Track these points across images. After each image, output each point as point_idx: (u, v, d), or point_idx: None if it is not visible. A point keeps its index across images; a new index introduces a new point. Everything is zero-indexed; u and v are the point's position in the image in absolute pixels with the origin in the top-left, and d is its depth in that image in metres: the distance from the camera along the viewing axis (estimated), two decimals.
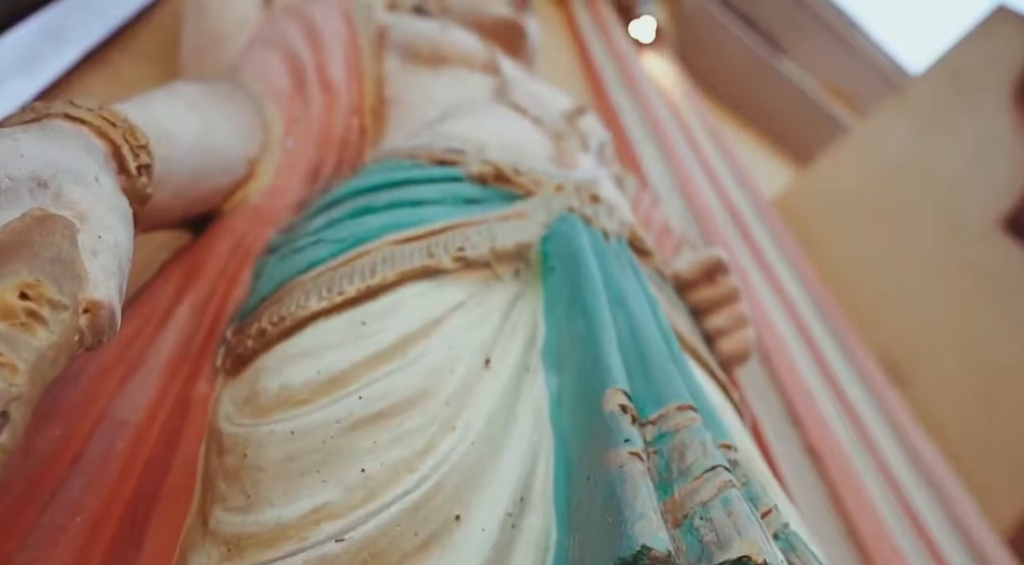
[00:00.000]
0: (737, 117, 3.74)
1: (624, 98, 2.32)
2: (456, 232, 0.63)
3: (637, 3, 2.92)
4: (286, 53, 0.88)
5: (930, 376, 2.14)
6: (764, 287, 1.82)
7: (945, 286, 2.12)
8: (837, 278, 2.37)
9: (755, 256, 1.88)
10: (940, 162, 2.12)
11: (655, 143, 2.12)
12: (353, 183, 0.70)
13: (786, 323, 1.72)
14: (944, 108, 2.15)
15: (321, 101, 0.84)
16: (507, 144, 0.78)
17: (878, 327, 2.19)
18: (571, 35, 2.73)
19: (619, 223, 0.77)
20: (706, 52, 3.47)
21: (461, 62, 0.97)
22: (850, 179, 2.44)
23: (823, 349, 1.71)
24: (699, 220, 1.86)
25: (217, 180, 0.67)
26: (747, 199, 2.14)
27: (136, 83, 1.03)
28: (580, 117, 1.08)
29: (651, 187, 1.88)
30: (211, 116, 0.67)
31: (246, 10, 0.98)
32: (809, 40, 3.93)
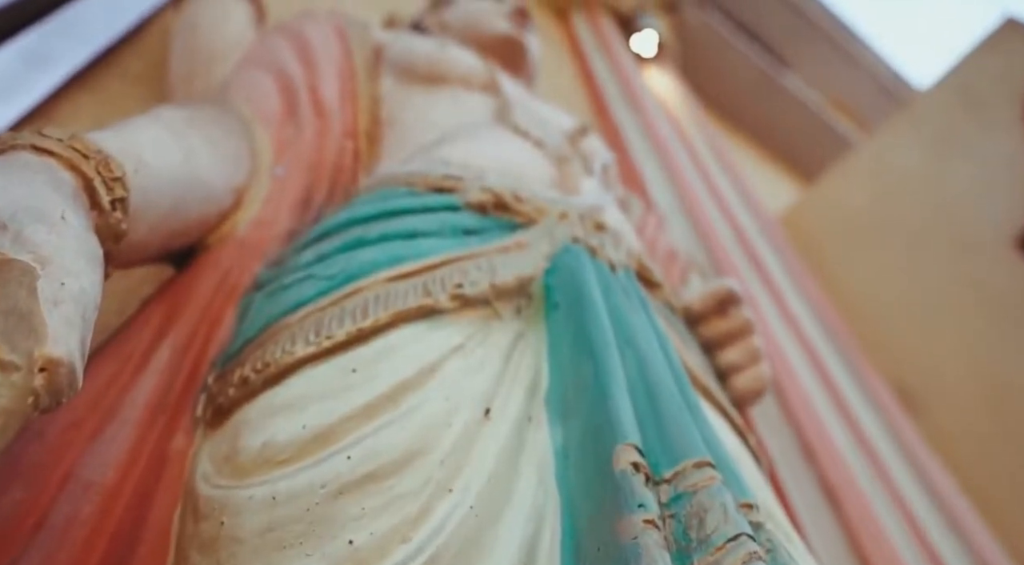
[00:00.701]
0: (739, 131, 3.72)
1: (627, 115, 2.29)
2: (454, 267, 0.59)
3: (638, 17, 2.91)
4: (277, 73, 0.85)
5: (944, 402, 2.09)
6: (773, 313, 1.78)
7: (959, 308, 2.08)
8: (846, 299, 2.33)
9: (764, 280, 1.84)
10: (951, 180, 2.09)
11: (659, 162, 2.09)
12: (345, 213, 0.67)
13: (797, 351, 1.68)
14: (954, 124, 2.12)
15: (313, 124, 0.81)
16: (507, 169, 0.75)
17: (890, 351, 2.15)
18: (572, 50, 2.71)
19: (626, 253, 0.73)
20: (708, 66, 3.46)
21: (460, 82, 0.94)
22: (857, 197, 2.41)
23: (836, 379, 1.67)
24: (705, 242, 1.82)
25: (201, 212, 0.63)
26: (754, 220, 2.11)
27: (125, 104, 1.00)
28: (583, 138, 1.05)
29: (656, 208, 1.85)
30: (195, 143, 0.63)
31: (238, 30, 0.95)
32: (812, 53, 3.93)
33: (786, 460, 1.13)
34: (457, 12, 1.28)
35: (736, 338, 0.80)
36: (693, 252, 1.82)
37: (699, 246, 1.83)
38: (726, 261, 1.79)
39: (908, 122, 2.30)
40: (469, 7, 1.27)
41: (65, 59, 0.99)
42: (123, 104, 1.00)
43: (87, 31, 1.02)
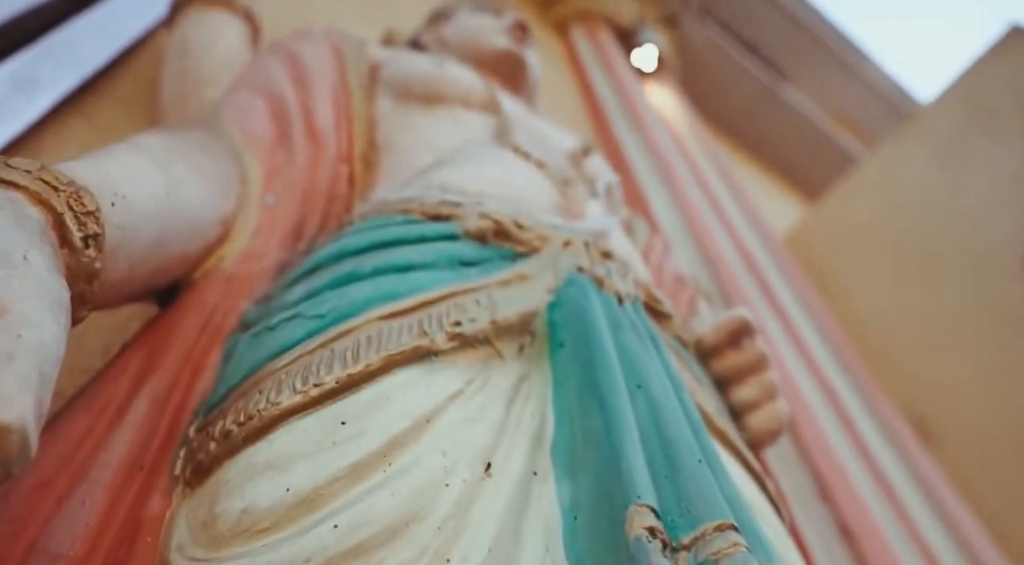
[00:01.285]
0: (740, 146, 3.69)
1: (628, 132, 2.26)
2: (451, 302, 0.55)
3: (639, 31, 2.88)
4: (270, 96, 0.81)
5: (961, 431, 2.03)
6: (783, 338, 1.74)
7: (975, 332, 2.02)
8: (854, 321, 2.27)
9: (773, 306, 1.80)
10: (962, 196, 2.05)
11: (662, 180, 2.06)
12: (336, 245, 0.63)
13: (808, 379, 1.64)
14: (962, 136, 2.08)
15: (306, 149, 0.77)
16: (508, 194, 0.72)
17: (903, 378, 2.10)
18: (571, 65, 2.69)
19: (633, 283, 0.69)
20: (709, 80, 3.44)
21: (458, 101, 0.90)
22: (864, 213, 2.37)
23: (849, 409, 1.62)
24: (711, 265, 1.78)
25: (185, 246, 0.59)
26: (761, 242, 2.07)
27: (116, 129, 0.96)
28: (585, 158, 1.01)
29: (661, 230, 1.81)
30: (179, 172, 0.60)
31: (231, 50, 0.92)
32: (813, 67, 3.90)
33: (800, 497, 1.09)
34: (455, 28, 1.25)
35: (751, 373, 0.76)
36: (699, 275, 1.78)
37: (705, 269, 1.79)
38: (733, 285, 1.75)
39: (914, 135, 2.26)
40: (468, 23, 1.24)
41: (54, 83, 0.96)
42: (115, 128, 0.96)
43: (77, 54, 0.99)
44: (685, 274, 1.21)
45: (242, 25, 0.97)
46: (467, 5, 1.29)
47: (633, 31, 2.88)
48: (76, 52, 0.99)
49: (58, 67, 0.97)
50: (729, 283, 1.80)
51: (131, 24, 1.06)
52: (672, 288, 1.13)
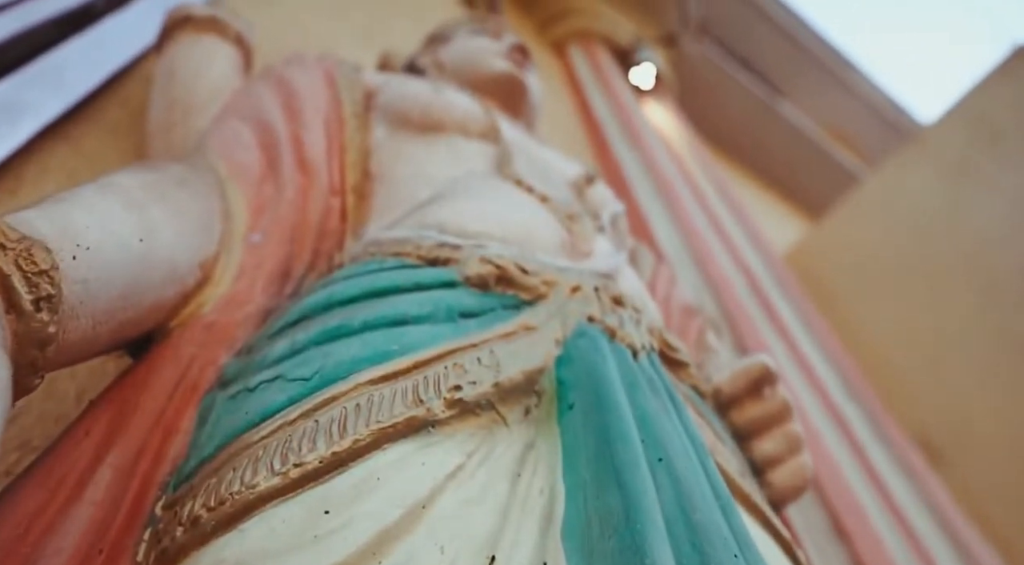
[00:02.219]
0: (737, 161, 3.65)
1: (628, 152, 2.21)
2: (450, 362, 0.49)
3: (636, 50, 2.84)
4: (258, 125, 0.76)
5: (971, 456, 1.97)
6: (788, 361, 1.68)
7: (981, 354, 1.97)
8: (856, 340, 2.22)
9: (777, 328, 1.74)
10: (969, 217, 1.99)
11: (662, 202, 2.01)
12: (325, 292, 0.57)
13: (816, 405, 1.58)
14: (967, 158, 2.03)
15: (296, 182, 0.72)
16: (511, 233, 0.66)
17: (909, 399, 2.04)
18: (570, 84, 2.64)
19: (647, 330, 0.63)
20: (705, 97, 3.40)
21: (457, 129, 0.85)
22: (868, 233, 2.31)
23: (861, 439, 1.56)
24: (714, 288, 1.72)
25: (159, 295, 0.53)
26: (764, 265, 2.01)
27: (103, 157, 0.91)
28: (589, 186, 0.96)
29: (663, 253, 1.75)
30: (155, 214, 0.54)
31: (220, 77, 0.86)
32: (807, 82, 3.87)
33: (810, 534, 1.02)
34: (453, 51, 1.19)
35: (773, 424, 0.69)
36: (702, 298, 1.73)
37: (708, 292, 1.73)
38: (737, 309, 1.69)
39: (917, 154, 2.21)
40: (466, 45, 1.19)
41: (39, 109, 0.90)
42: (101, 156, 0.91)
43: (64, 80, 0.93)
44: (692, 304, 1.15)
45: (233, 51, 0.92)
46: (465, 28, 1.24)
47: (631, 50, 2.84)
48: (63, 77, 0.93)
49: (44, 92, 0.91)
50: (733, 306, 1.74)
51: (120, 49, 1.00)
52: (680, 319, 1.07)
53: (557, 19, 2.75)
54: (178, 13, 0.90)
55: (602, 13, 2.77)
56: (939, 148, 2.13)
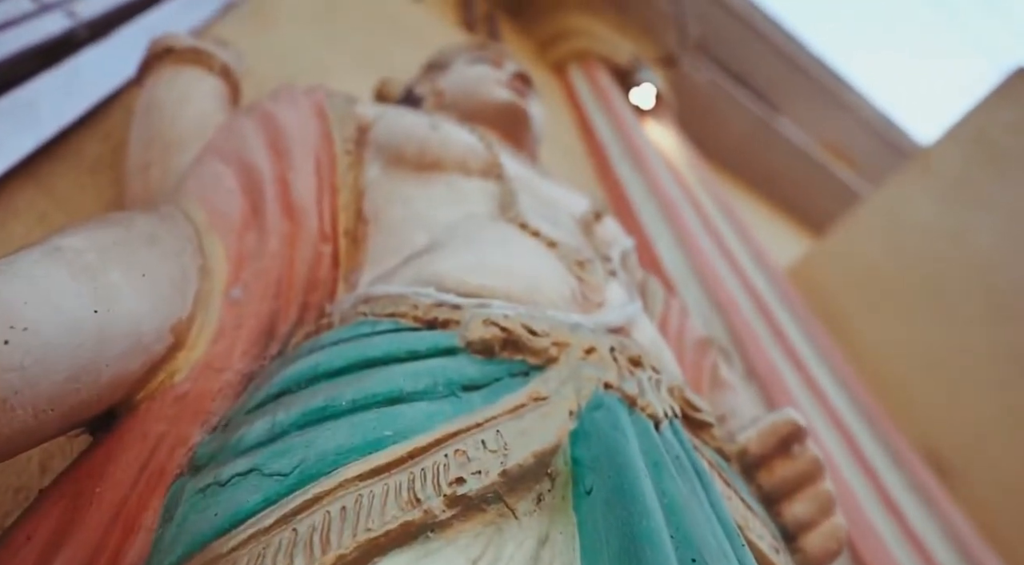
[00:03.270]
0: (735, 177, 3.60)
1: (630, 172, 2.15)
2: (450, 449, 0.42)
3: (636, 70, 2.79)
4: (242, 166, 0.69)
5: (982, 475, 1.91)
6: (797, 383, 1.61)
7: (988, 370, 1.90)
8: (861, 357, 2.16)
9: (786, 350, 1.67)
10: (973, 235, 1.93)
11: (666, 223, 1.94)
12: (310, 362, 0.50)
13: (828, 429, 1.51)
14: (971, 175, 1.97)
15: (282, 229, 0.65)
16: (516, 286, 0.59)
17: (916, 415, 1.97)
18: (570, 105, 2.59)
19: (668, 392, 0.56)
20: (704, 115, 3.35)
21: (456, 167, 0.78)
22: (870, 251, 2.25)
23: (875, 464, 1.49)
24: (721, 311, 1.66)
25: (120, 370, 0.46)
26: (769, 283, 1.95)
27: (75, 198, 0.84)
28: (597, 222, 0.89)
29: (672, 283, 1.69)
30: (115, 279, 0.47)
31: (203, 111, 0.79)
32: (803, 99, 3.83)
33: None
34: (453, 79, 1.13)
35: (804, 485, 0.62)
36: (710, 322, 1.66)
37: (716, 315, 1.66)
38: (746, 332, 1.62)
39: (920, 172, 2.15)
40: (466, 73, 1.13)
41: (9, 146, 0.83)
42: (77, 198, 0.84)
43: (38, 115, 0.87)
44: (704, 336, 1.08)
45: (218, 83, 0.85)
46: (465, 55, 1.18)
47: (630, 70, 2.79)
48: (37, 111, 0.87)
49: (16, 128, 0.84)
50: (742, 329, 1.67)
51: (101, 80, 0.94)
52: (694, 356, 1.00)
53: (557, 40, 2.71)
54: (158, 44, 0.83)
55: (601, 34, 2.73)
56: (941, 166, 2.07)
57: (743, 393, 1.02)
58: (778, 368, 1.62)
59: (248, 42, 1.33)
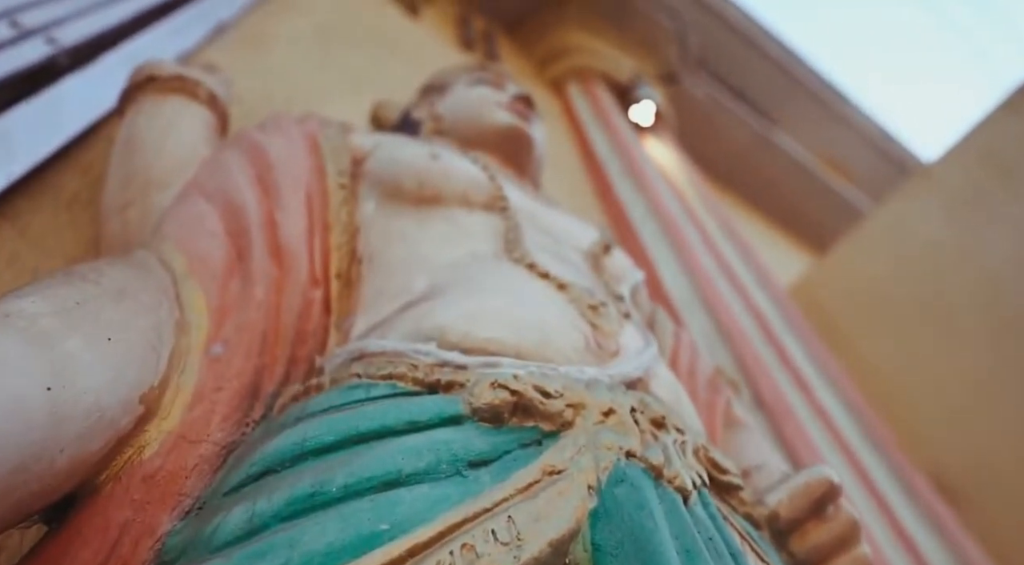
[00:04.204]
0: (736, 195, 3.56)
1: (631, 192, 2.10)
2: (456, 543, 0.36)
3: (636, 87, 2.74)
4: (227, 205, 0.63)
5: (986, 491, 1.85)
6: (804, 408, 1.55)
7: (997, 391, 1.85)
8: (865, 376, 2.10)
9: (793, 377, 1.61)
10: (981, 251, 1.88)
11: (668, 243, 1.89)
12: (297, 435, 0.44)
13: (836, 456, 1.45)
14: (979, 190, 1.92)
15: (269, 274, 0.59)
16: (526, 339, 0.53)
17: (924, 440, 1.91)
18: (569, 123, 2.54)
19: (693, 455, 0.51)
20: (704, 131, 3.31)
21: (458, 200, 0.73)
22: (874, 268, 2.20)
23: (890, 501, 1.43)
24: (726, 337, 1.60)
25: (78, 452, 0.41)
26: (775, 307, 1.89)
27: (50, 237, 0.78)
28: (606, 255, 0.83)
29: (680, 316, 1.63)
30: (72, 346, 0.41)
31: (187, 145, 0.74)
32: (802, 113, 3.80)
33: None
34: (452, 102, 1.08)
35: (839, 551, 0.57)
36: (715, 348, 1.60)
37: (721, 341, 1.61)
38: (752, 359, 1.57)
39: (925, 188, 2.10)
40: (466, 95, 1.08)
41: None
42: (52, 237, 0.78)
43: (11, 148, 0.81)
44: (715, 373, 1.03)
45: (205, 112, 0.80)
46: (465, 77, 1.13)
47: (630, 87, 2.74)
48: (11, 144, 0.81)
49: None
50: (747, 356, 1.61)
51: (82, 111, 0.88)
52: (707, 395, 0.94)
53: (556, 57, 2.66)
54: (141, 73, 0.78)
55: (601, 50, 2.69)
56: (947, 182, 2.02)
57: (758, 432, 0.96)
58: (786, 396, 1.56)
59: (240, 65, 1.28)
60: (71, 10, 0.99)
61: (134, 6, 1.10)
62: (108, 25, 1.04)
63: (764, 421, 1.49)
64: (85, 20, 1.01)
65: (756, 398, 1.54)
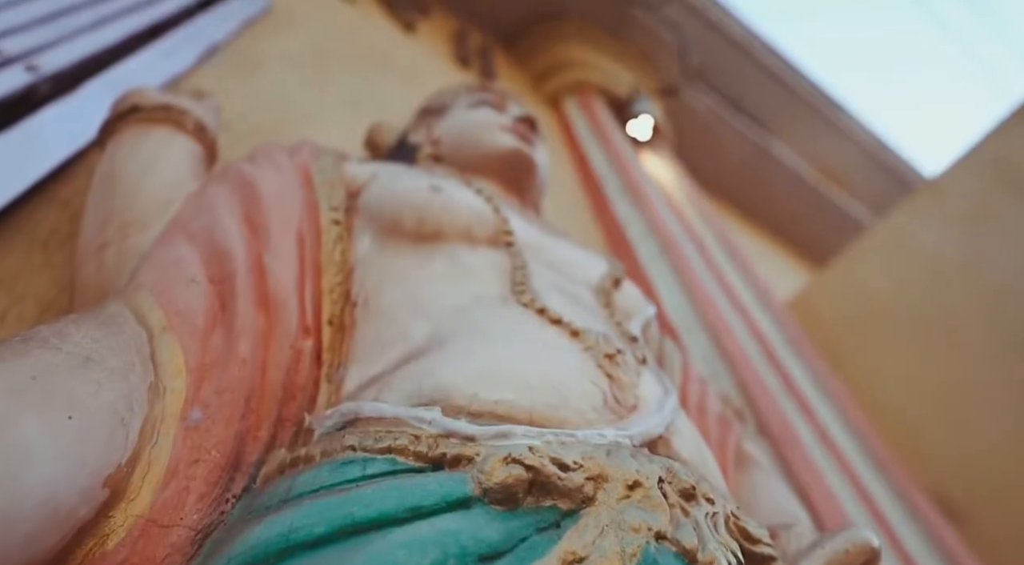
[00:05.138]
0: (734, 208, 3.52)
1: (629, 209, 2.05)
2: None
3: (634, 102, 2.70)
4: (211, 248, 0.58)
5: (993, 516, 1.79)
6: (810, 438, 1.50)
7: (1002, 407, 1.79)
8: (864, 390, 2.05)
9: (797, 401, 1.56)
10: (990, 265, 1.83)
11: (668, 262, 1.83)
12: (282, 523, 0.38)
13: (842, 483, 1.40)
14: (987, 202, 1.87)
15: (256, 327, 0.53)
16: (541, 402, 0.47)
17: (927, 458, 1.86)
18: (566, 139, 2.49)
19: (725, 525, 0.45)
20: (702, 144, 3.27)
21: (460, 237, 0.67)
22: (876, 282, 2.15)
23: (898, 531, 1.38)
24: (729, 360, 1.54)
25: (30, 555, 0.35)
26: (777, 328, 1.84)
27: (22, 278, 0.72)
28: (616, 290, 0.78)
29: (670, 320, 1.58)
30: (26, 430, 0.35)
31: (172, 182, 0.67)
32: (800, 125, 3.76)
33: None
34: (452, 125, 1.03)
35: None
36: (717, 371, 1.55)
37: (722, 364, 1.55)
38: (755, 383, 1.51)
39: (931, 201, 2.05)
40: (466, 118, 1.02)
41: None
42: (27, 276, 0.72)
43: None
44: (722, 406, 0.97)
45: (192, 144, 0.74)
46: (464, 98, 1.08)
47: (628, 102, 2.70)
48: None
49: None
50: (751, 379, 1.55)
51: (60, 143, 0.83)
52: (718, 432, 0.89)
53: (553, 72, 2.62)
54: (123, 102, 0.72)
55: (599, 64, 2.64)
56: (954, 195, 1.97)
57: (773, 473, 0.91)
58: (790, 422, 1.51)
59: (231, 88, 1.23)
60: (54, 36, 0.94)
61: (122, 29, 1.05)
62: (93, 50, 0.98)
63: (768, 448, 1.44)
64: (69, 45, 0.95)
65: (760, 424, 1.49)
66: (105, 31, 1.01)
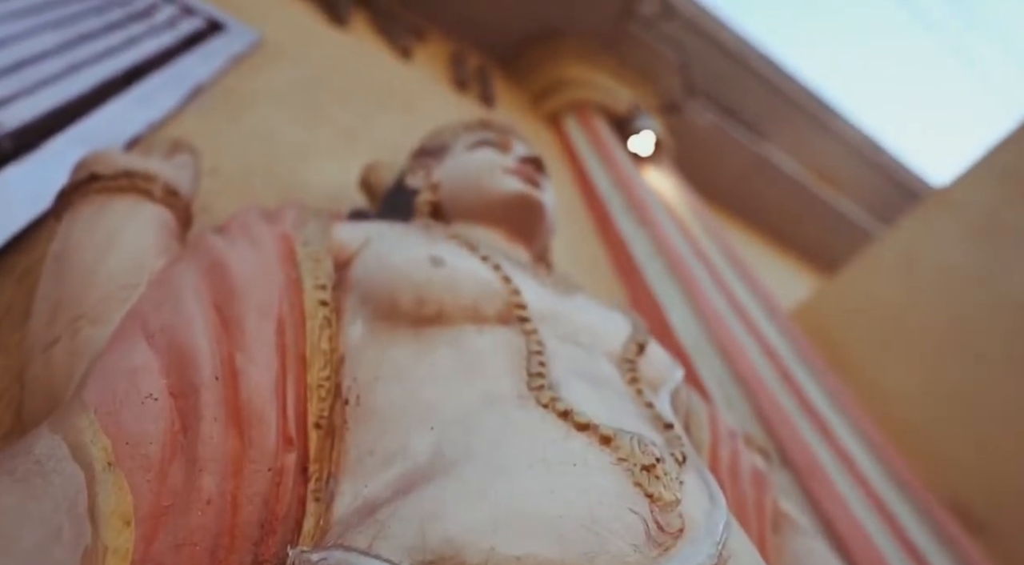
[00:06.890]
0: (739, 219, 3.42)
1: (633, 228, 1.95)
2: None
3: (635, 118, 2.59)
4: (173, 352, 0.47)
5: (1016, 528, 1.69)
6: (835, 468, 1.39)
7: (1020, 419, 1.69)
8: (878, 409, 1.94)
9: (818, 427, 1.45)
10: (1004, 273, 1.73)
11: (676, 282, 1.73)
12: None
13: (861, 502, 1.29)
14: (1000, 211, 1.77)
15: (224, 454, 0.43)
16: (572, 550, 0.36)
17: (946, 473, 1.76)
18: (566, 157, 2.39)
19: None
20: (703, 155, 3.17)
21: (466, 317, 0.56)
22: (886, 291, 2.04)
23: (917, 540, 1.28)
24: (743, 384, 1.44)
25: None
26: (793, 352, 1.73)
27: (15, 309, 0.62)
28: (640, 357, 0.67)
29: (681, 345, 1.47)
30: None
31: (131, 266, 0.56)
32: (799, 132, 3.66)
33: None
34: (452, 168, 0.92)
35: None
36: (731, 396, 1.44)
37: (738, 391, 1.44)
38: (773, 409, 1.41)
39: (942, 210, 1.95)
40: (466, 160, 0.92)
41: None
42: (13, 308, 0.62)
43: None
44: (754, 458, 0.87)
45: (161, 213, 0.63)
46: (464, 137, 0.97)
47: (628, 118, 2.59)
48: None
49: None
50: (768, 406, 1.45)
51: (21, 207, 0.72)
52: (754, 493, 0.78)
53: (552, 91, 2.51)
54: (80, 171, 0.62)
55: (599, 82, 2.54)
56: (965, 204, 1.87)
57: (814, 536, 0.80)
58: (810, 447, 1.40)
59: (220, 128, 1.12)
60: (17, 88, 0.83)
61: (95, 76, 0.95)
62: (63, 100, 0.88)
63: (790, 479, 1.34)
64: (35, 97, 0.85)
65: (781, 452, 1.39)
66: (76, 79, 0.91)
